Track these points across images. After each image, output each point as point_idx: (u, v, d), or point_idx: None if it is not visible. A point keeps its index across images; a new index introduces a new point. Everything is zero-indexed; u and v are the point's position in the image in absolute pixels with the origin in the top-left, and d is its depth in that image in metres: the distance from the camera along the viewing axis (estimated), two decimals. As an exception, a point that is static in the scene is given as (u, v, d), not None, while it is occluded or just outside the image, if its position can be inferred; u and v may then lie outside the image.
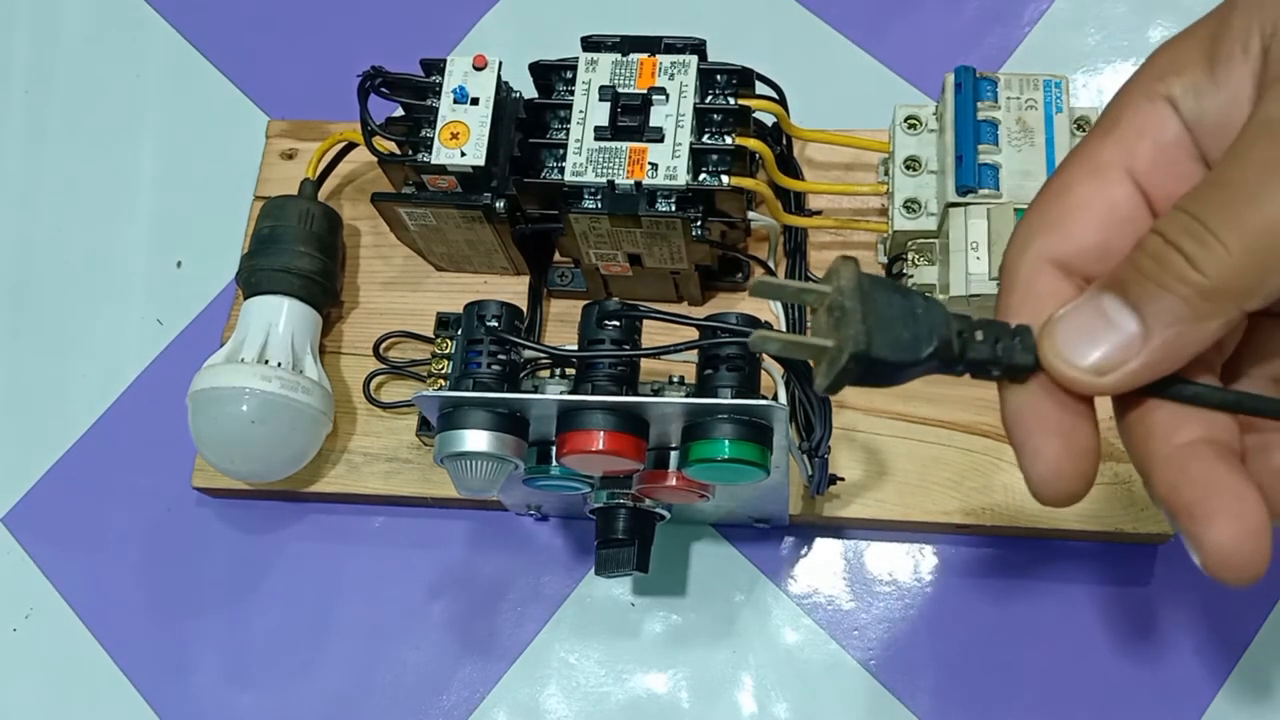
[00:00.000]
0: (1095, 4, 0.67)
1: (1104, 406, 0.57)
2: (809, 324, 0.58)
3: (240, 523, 0.60)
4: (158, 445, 0.61)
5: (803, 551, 0.57)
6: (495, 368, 0.45)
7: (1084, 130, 0.53)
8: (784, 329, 0.58)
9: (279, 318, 0.57)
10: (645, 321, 0.46)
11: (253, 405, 0.54)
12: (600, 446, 0.43)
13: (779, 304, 0.58)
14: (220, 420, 0.54)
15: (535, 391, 0.46)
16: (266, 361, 0.55)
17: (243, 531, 0.60)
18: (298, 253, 0.57)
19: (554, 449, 0.45)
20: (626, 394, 0.44)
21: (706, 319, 0.45)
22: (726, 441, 0.43)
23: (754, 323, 0.44)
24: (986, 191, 0.51)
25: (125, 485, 0.61)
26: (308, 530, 0.59)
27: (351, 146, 0.61)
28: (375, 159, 0.54)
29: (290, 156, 0.65)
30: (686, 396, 0.44)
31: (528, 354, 0.48)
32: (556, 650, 0.56)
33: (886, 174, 0.56)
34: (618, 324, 0.45)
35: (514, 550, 0.58)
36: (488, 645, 0.57)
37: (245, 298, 0.58)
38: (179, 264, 0.66)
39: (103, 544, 0.60)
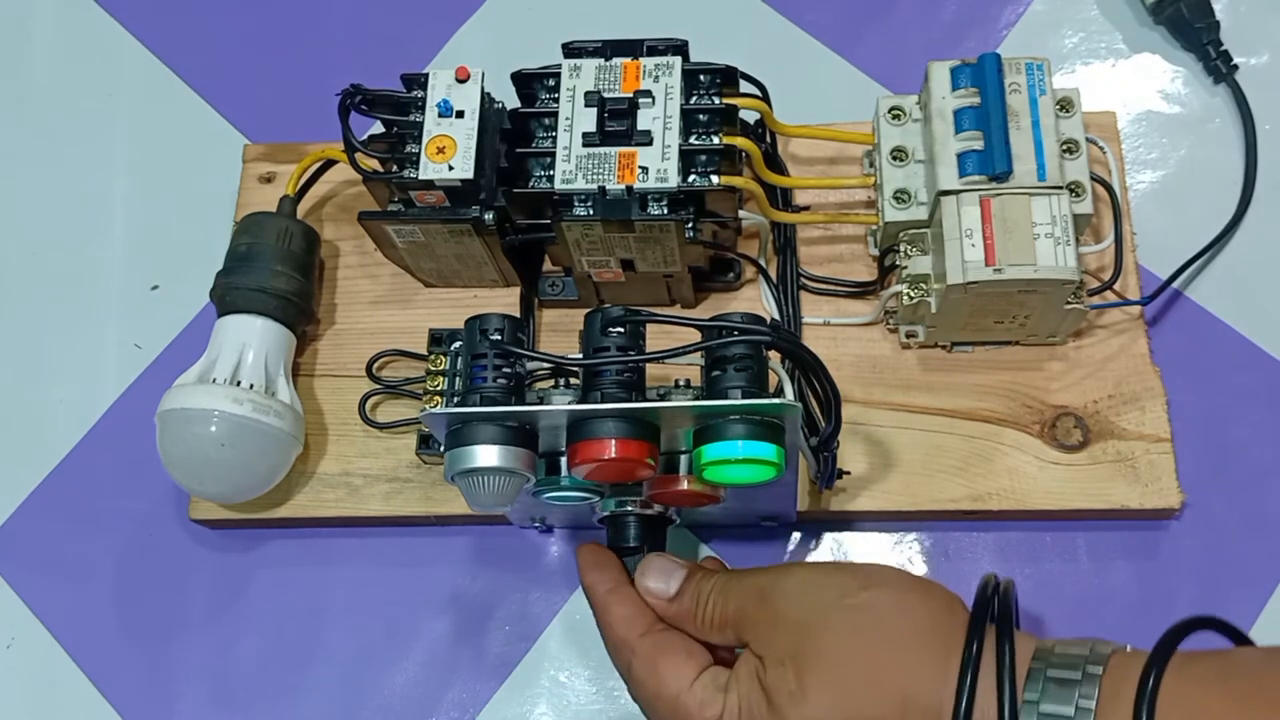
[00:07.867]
0: (1072, 6, 0.67)
1: (1103, 386, 0.57)
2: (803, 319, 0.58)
3: (222, 545, 0.59)
4: (138, 469, 0.60)
5: (811, 547, 0.57)
6: (501, 381, 0.45)
7: (1067, 112, 0.54)
8: (779, 322, 0.58)
9: (253, 338, 0.56)
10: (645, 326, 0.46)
11: (222, 428, 0.53)
12: (613, 454, 0.42)
13: (770, 299, 0.58)
14: (188, 441, 0.53)
15: (541, 403, 0.46)
16: (239, 383, 0.54)
17: (225, 554, 0.59)
18: (275, 272, 0.57)
19: (564, 460, 0.45)
20: (636, 400, 0.44)
21: (712, 319, 0.44)
22: (741, 443, 0.42)
23: (758, 321, 0.44)
24: (979, 177, 0.51)
25: (106, 510, 0.60)
26: (291, 551, 0.58)
27: (331, 163, 0.60)
28: (357, 176, 0.53)
29: (268, 180, 0.64)
30: (696, 399, 0.44)
31: (528, 365, 0.47)
32: (546, 668, 0.56)
33: (872, 165, 0.56)
34: (622, 330, 0.45)
35: (502, 567, 0.57)
36: (477, 664, 0.56)
37: (220, 315, 0.57)
38: (154, 287, 0.65)
39: (85, 570, 0.59)
